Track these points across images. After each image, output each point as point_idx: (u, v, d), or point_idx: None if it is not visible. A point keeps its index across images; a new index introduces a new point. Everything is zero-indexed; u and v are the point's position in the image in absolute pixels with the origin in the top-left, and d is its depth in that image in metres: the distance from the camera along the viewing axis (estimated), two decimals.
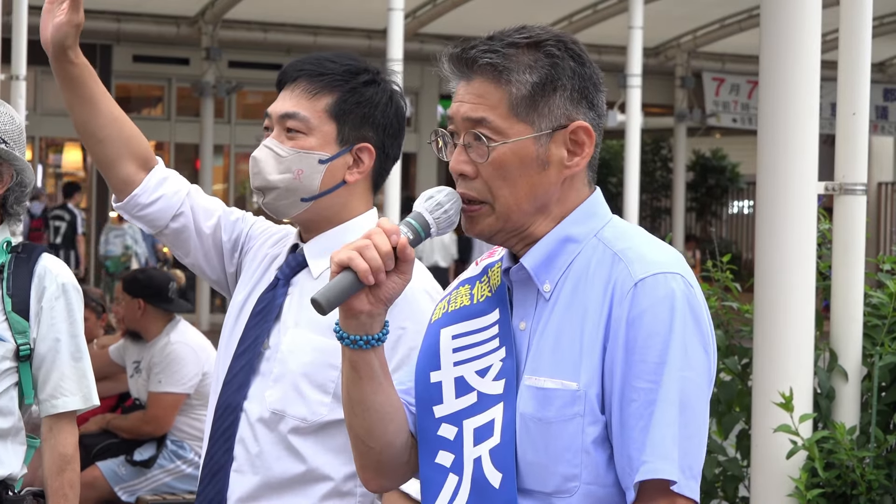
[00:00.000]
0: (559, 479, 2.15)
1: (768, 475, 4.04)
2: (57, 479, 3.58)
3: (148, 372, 6.90)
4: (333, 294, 2.10)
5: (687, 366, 2.11)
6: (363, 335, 2.18)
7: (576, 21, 21.18)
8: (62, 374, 3.59)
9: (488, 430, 2.19)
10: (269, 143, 2.89)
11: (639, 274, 2.14)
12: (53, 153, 23.47)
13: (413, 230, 2.17)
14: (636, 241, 2.20)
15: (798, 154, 3.99)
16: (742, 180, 27.86)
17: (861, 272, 4.23)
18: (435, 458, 2.23)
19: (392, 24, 12.43)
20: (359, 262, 2.11)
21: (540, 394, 2.16)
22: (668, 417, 2.09)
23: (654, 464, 2.08)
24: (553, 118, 2.21)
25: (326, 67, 2.90)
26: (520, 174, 2.19)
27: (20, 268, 3.59)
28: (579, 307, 2.17)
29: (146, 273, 7.34)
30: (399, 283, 2.16)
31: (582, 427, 2.13)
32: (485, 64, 2.20)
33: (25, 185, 3.64)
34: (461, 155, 2.22)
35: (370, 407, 2.23)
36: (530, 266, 2.21)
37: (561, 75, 2.22)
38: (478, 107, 2.20)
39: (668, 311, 2.11)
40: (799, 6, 3.97)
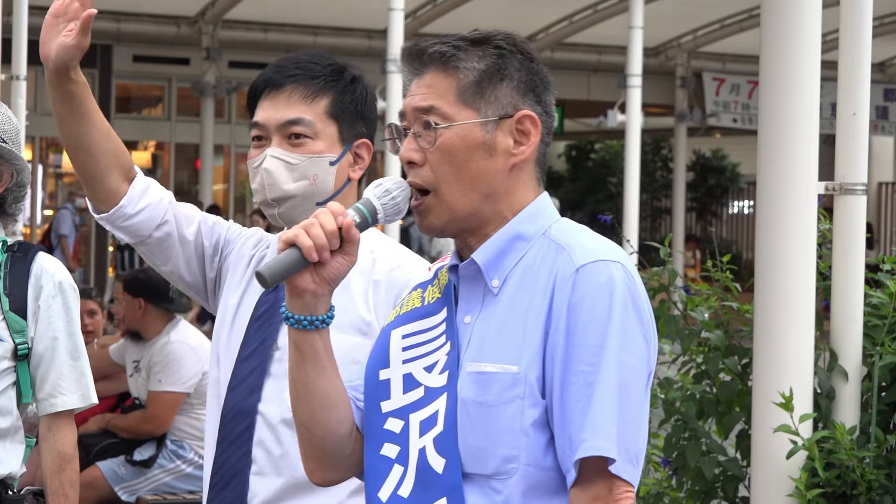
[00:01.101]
0: (498, 460, 2.19)
1: (768, 475, 4.04)
2: (56, 477, 3.58)
3: (148, 371, 6.90)
4: (277, 268, 2.16)
5: (626, 351, 2.16)
6: (307, 315, 2.22)
7: (576, 21, 21.19)
8: (60, 373, 3.59)
9: (433, 421, 2.24)
10: (275, 153, 2.88)
11: (580, 261, 2.18)
12: (53, 153, 23.46)
13: (361, 214, 2.23)
14: (580, 236, 2.25)
15: (798, 154, 3.99)
16: (742, 180, 27.86)
17: (861, 272, 4.23)
18: (380, 449, 2.27)
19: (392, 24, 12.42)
20: (303, 238, 2.16)
21: (481, 378, 2.20)
22: (608, 399, 2.13)
23: (594, 441, 2.12)
24: (500, 106, 2.26)
25: (315, 70, 2.91)
26: (466, 159, 2.24)
27: (16, 267, 3.59)
28: (524, 297, 2.22)
29: (146, 272, 7.32)
30: (343, 264, 2.21)
31: (521, 409, 2.18)
32: (434, 52, 2.26)
33: (24, 185, 3.64)
34: (411, 143, 2.27)
35: (313, 391, 2.27)
36: (481, 261, 2.26)
37: (508, 66, 2.28)
38: (427, 96, 2.26)
39: (607, 297, 2.16)
40: (799, 6, 3.97)
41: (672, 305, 4.69)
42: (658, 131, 27.62)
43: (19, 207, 3.67)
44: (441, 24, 19.36)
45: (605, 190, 28.85)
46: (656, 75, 22.91)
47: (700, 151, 28.23)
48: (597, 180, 29.03)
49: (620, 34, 17.47)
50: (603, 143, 29.98)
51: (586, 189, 28.86)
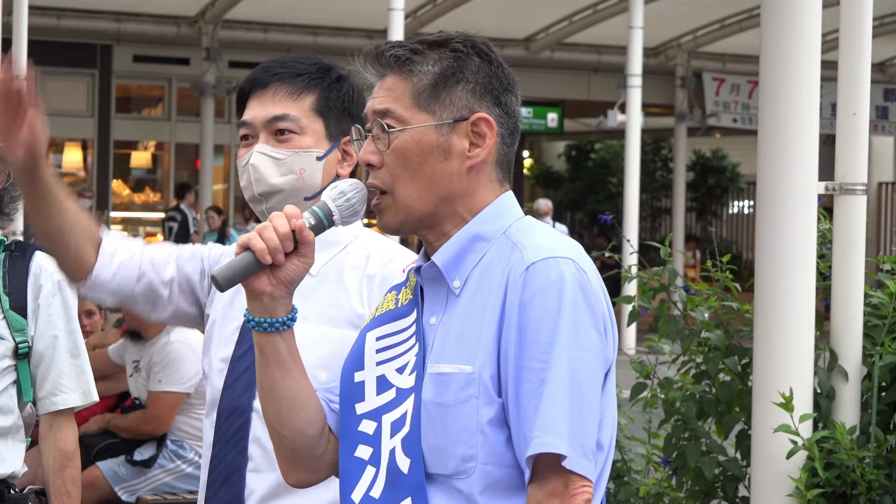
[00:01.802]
0: (457, 460, 2.21)
1: (768, 475, 4.04)
2: (58, 476, 3.59)
3: (148, 371, 6.89)
4: (230, 271, 2.20)
5: (577, 346, 2.17)
6: (267, 318, 2.26)
7: (576, 21, 21.19)
8: (61, 371, 3.60)
9: (401, 422, 2.26)
10: (262, 148, 2.90)
11: (530, 258, 2.20)
12: (53, 153, 23.47)
13: (316, 217, 2.27)
14: (536, 233, 2.27)
15: (798, 154, 3.99)
16: (742, 180, 27.85)
17: (861, 272, 4.23)
18: (354, 451, 2.29)
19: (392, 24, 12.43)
20: (256, 241, 2.21)
21: (439, 379, 2.22)
22: (558, 395, 2.14)
23: (543, 438, 2.13)
24: (455, 109, 2.28)
25: (300, 69, 2.94)
26: (420, 162, 2.26)
27: (15, 266, 3.59)
28: (482, 297, 2.23)
29: None
30: (299, 266, 2.24)
31: (477, 408, 2.19)
32: (390, 56, 2.28)
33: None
34: (370, 146, 2.30)
35: (279, 393, 2.30)
36: (441, 263, 2.28)
37: (464, 69, 2.29)
38: (384, 99, 2.29)
39: (557, 294, 2.17)
40: (799, 6, 3.97)
41: (672, 305, 4.69)
42: (658, 131, 27.63)
43: (16, 207, 3.67)
44: (441, 24, 19.36)
45: (605, 190, 28.84)
46: (656, 75, 22.92)
47: (700, 151, 28.23)
48: (597, 180, 29.03)
49: (620, 34, 17.49)
50: (603, 143, 29.98)
51: (586, 189, 28.86)
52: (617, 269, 4.96)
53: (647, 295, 4.66)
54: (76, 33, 20.74)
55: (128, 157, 24.51)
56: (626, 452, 4.88)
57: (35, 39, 9.85)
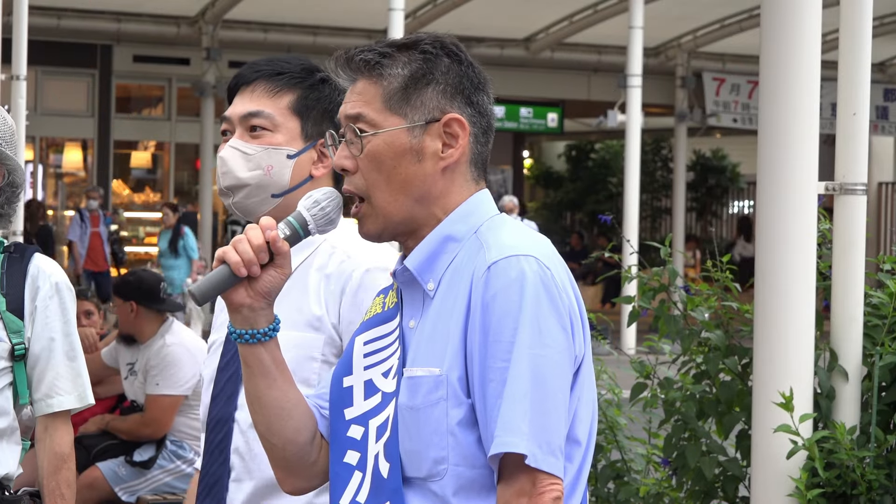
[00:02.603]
0: (430, 463, 2.21)
1: (768, 475, 4.04)
2: (53, 478, 3.58)
3: (144, 374, 6.87)
4: (207, 285, 2.21)
5: (539, 343, 2.16)
6: (248, 329, 2.27)
7: (576, 21, 21.19)
8: (57, 374, 3.59)
9: (384, 427, 2.27)
10: (234, 143, 2.91)
11: (493, 257, 2.20)
12: (53, 153, 23.47)
13: (291, 227, 2.28)
14: (503, 232, 2.26)
15: (798, 154, 3.99)
16: (742, 180, 27.85)
17: (861, 272, 4.23)
18: (344, 457, 2.30)
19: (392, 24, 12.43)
20: (231, 254, 2.22)
21: (411, 383, 2.23)
22: (519, 393, 2.14)
23: (503, 437, 2.14)
24: (426, 111, 2.28)
25: (283, 67, 2.95)
26: (394, 165, 2.27)
27: (13, 267, 3.59)
28: (450, 298, 2.24)
29: (136, 275, 7.28)
30: (276, 277, 2.25)
31: (446, 410, 2.20)
32: (360, 61, 2.29)
33: (17, 186, 3.64)
34: (343, 151, 2.30)
35: (265, 403, 2.31)
36: (413, 266, 2.28)
37: (434, 70, 2.29)
38: (356, 104, 2.29)
39: (518, 292, 2.17)
40: (799, 6, 3.96)
41: (672, 305, 4.69)
42: (658, 131, 27.63)
43: (13, 208, 3.67)
44: (441, 24, 19.36)
45: (605, 190, 28.84)
46: (656, 75, 22.91)
47: (700, 151, 28.22)
48: (597, 180, 29.03)
49: (620, 34, 17.49)
50: (603, 143, 29.98)
51: (586, 189, 28.86)
52: (617, 270, 4.96)
53: (647, 295, 4.66)
54: (76, 33, 20.73)
55: (128, 157, 24.51)
56: (626, 452, 4.87)
57: (35, 39, 9.86)
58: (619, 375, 4.97)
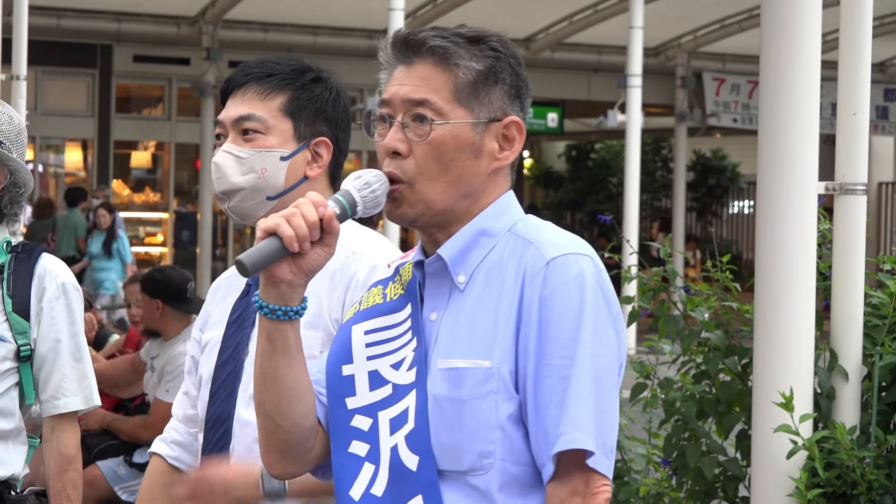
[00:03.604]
0: (474, 456, 2.19)
1: (768, 475, 4.04)
2: (59, 479, 3.58)
3: (160, 375, 6.83)
4: (258, 257, 2.15)
5: (599, 343, 2.17)
6: (282, 305, 2.21)
7: (576, 21, 21.18)
8: (63, 375, 3.59)
9: (404, 418, 2.23)
10: (227, 147, 2.91)
11: (550, 254, 2.20)
12: (53, 153, 23.46)
13: (340, 206, 2.22)
14: (546, 230, 2.27)
15: (798, 154, 3.99)
16: (742, 180, 27.83)
17: (861, 272, 4.23)
18: (348, 447, 2.26)
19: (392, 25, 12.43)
20: (285, 228, 2.15)
21: (453, 374, 2.20)
22: (583, 392, 2.14)
23: (571, 434, 2.13)
24: (491, 109, 2.27)
25: (273, 69, 2.94)
26: (453, 158, 2.25)
27: (20, 268, 3.59)
28: (493, 292, 2.22)
29: (163, 272, 7.19)
30: (322, 256, 2.20)
31: (496, 404, 2.18)
32: (434, 47, 2.26)
33: (20, 186, 3.64)
34: (397, 134, 2.26)
35: (282, 382, 2.26)
36: (447, 257, 2.26)
37: (502, 70, 2.29)
38: (420, 88, 2.25)
39: (578, 290, 2.17)
40: (799, 6, 3.96)
41: (672, 305, 4.69)
42: (658, 131, 27.61)
43: (18, 208, 3.67)
44: (441, 24, 19.27)
45: (605, 190, 28.82)
46: (656, 75, 22.90)
47: (700, 151, 28.21)
48: (597, 180, 29.01)
49: (620, 34, 17.48)
50: (603, 143, 29.97)
51: (586, 189, 28.85)
52: (617, 269, 4.96)
53: (647, 295, 4.66)
54: (76, 33, 20.73)
55: (128, 157, 24.49)
56: (626, 452, 4.87)
57: (35, 39, 9.86)
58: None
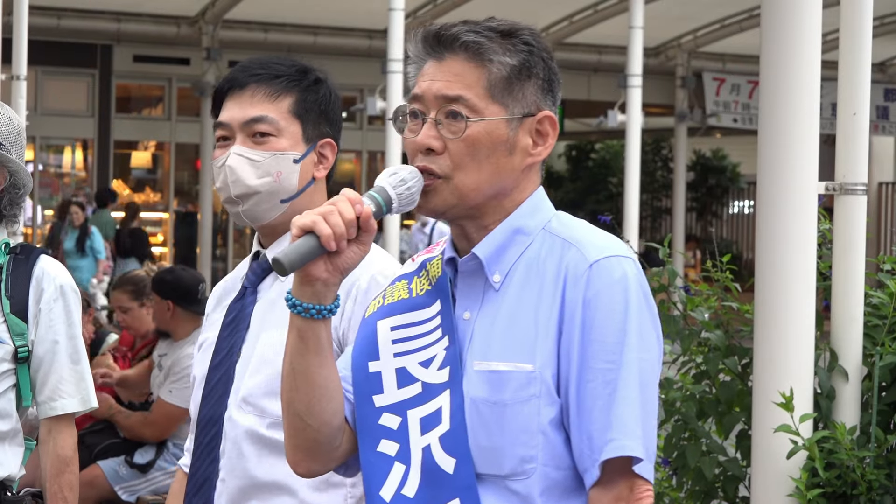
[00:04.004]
0: (515, 461, 2.16)
1: (768, 475, 4.04)
2: (56, 481, 3.58)
3: (166, 374, 6.82)
4: (296, 255, 2.12)
5: (643, 347, 2.15)
6: (316, 304, 2.18)
7: (576, 21, 21.18)
8: (60, 377, 3.59)
9: (436, 419, 2.20)
10: (238, 150, 2.87)
11: (593, 256, 2.17)
12: (53, 153, 23.45)
13: (376, 203, 2.19)
14: (584, 230, 2.25)
15: (798, 154, 3.99)
16: (742, 180, 27.83)
17: (861, 272, 4.23)
18: (377, 446, 2.23)
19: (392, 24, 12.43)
20: (323, 226, 2.12)
21: (493, 377, 2.17)
22: (631, 397, 2.12)
23: (621, 441, 2.10)
24: (525, 104, 2.24)
25: (279, 70, 2.92)
26: (488, 154, 2.22)
27: (18, 269, 3.58)
28: (531, 293, 2.19)
29: (174, 273, 7.15)
30: (357, 254, 2.17)
31: (538, 408, 2.15)
32: (468, 42, 2.24)
33: (20, 188, 3.64)
34: (431, 130, 2.23)
35: (314, 381, 2.23)
36: (483, 255, 2.23)
37: (535, 64, 2.26)
38: (453, 84, 2.23)
39: (623, 293, 2.15)
40: (799, 6, 3.96)
41: (672, 305, 4.69)
42: (658, 131, 27.61)
43: (17, 209, 3.67)
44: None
45: (605, 190, 28.82)
46: (656, 75, 22.90)
47: (700, 151, 28.21)
48: (597, 180, 29.01)
49: (620, 34, 17.47)
50: (603, 143, 29.97)
51: (586, 189, 28.85)
52: None
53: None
54: (76, 33, 20.73)
55: (128, 157, 24.49)
56: None
57: (35, 39, 9.84)
58: None
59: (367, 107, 16.93)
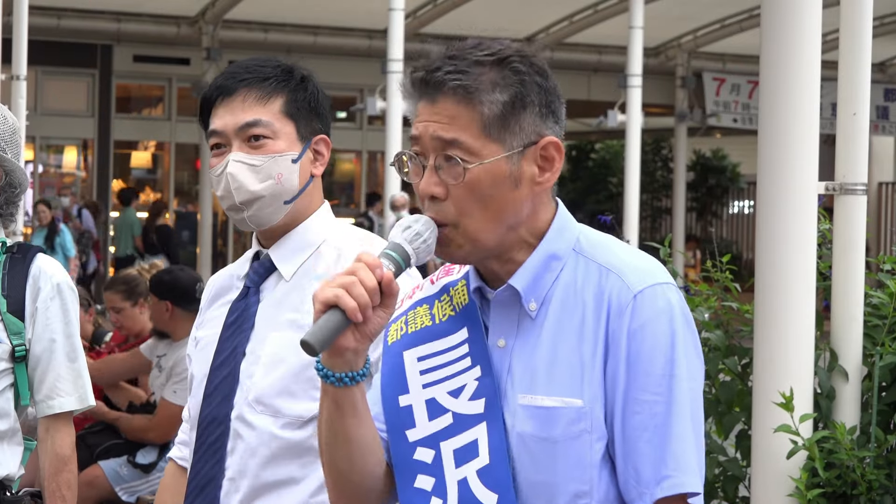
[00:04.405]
0: (569, 497, 2.13)
1: (768, 475, 4.04)
2: (54, 479, 3.58)
3: (168, 375, 6.81)
4: (324, 334, 2.06)
5: (691, 377, 2.15)
6: (348, 372, 2.14)
7: (576, 21, 21.20)
8: (58, 375, 3.59)
9: (472, 451, 2.16)
10: (237, 157, 2.86)
11: (636, 286, 2.13)
12: (53, 153, 23.46)
13: (395, 262, 2.13)
14: (616, 252, 2.20)
15: (798, 154, 3.99)
16: (742, 180, 27.85)
17: (861, 272, 4.23)
18: (414, 482, 2.20)
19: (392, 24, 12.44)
20: (347, 300, 2.05)
21: (541, 413, 2.14)
22: (685, 431, 2.12)
23: (679, 478, 2.11)
24: (524, 135, 2.17)
25: (266, 72, 2.90)
26: (492, 194, 2.15)
27: (15, 268, 3.58)
28: (572, 324, 2.15)
29: (172, 274, 7.13)
30: (384, 318, 2.11)
31: (590, 443, 2.13)
32: (456, 87, 2.15)
33: (16, 186, 3.64)
34: (432, 177, 2.17)
35: (354, 441, 2.19)
36: (521, 287, 2.18)
37: (529, 92, 2.18)
38: (449, 127, 2.15)
39: (668, 323, 2.12)
40: (799, 6, 3.96)
41: None
42: (658, 131, 27.63)
43: (14, 208, 3.67)
44: (441, 24, 19.36)
45: (605, 190, 28.83)
46: (656, 75, 22.92)
47: (700, 151, 28.23)
48: (597, 180, 29.03)
49: (620, 34, 17.49)
50: (603, 143, 29.98)
51: (586, 189, 28.86)
52: None
53: None
54: (76, 33, 20.74)
55: (128, 157, 24.51)
56: None
57: (35, 39, 9.85)
58: None
59: (367, 107, 16.94)
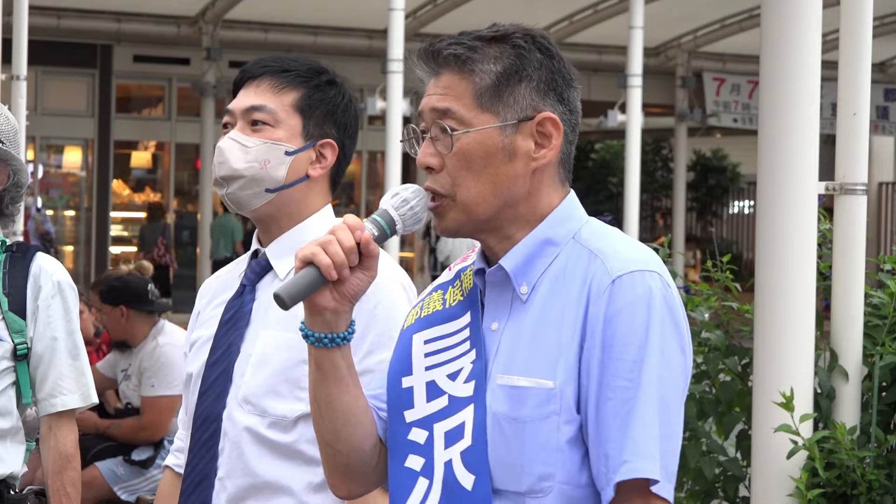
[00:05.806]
0: (533, 478, 2.13)
1: (769, 475, 4.04)
2: (58, 478, 3.58)
3: (139, 377, 6.83)
4: (296, 289, 2.10)
5: (665, 365, 2.10)
6: (328, 333, 2.16)
7: (576, 21, 21.19)
8: (60, 373, 3.59)
9: (459, 433, 2.17)
10: (233, 135, 2.91)
11: (616, 271, 2.12)
12: (53, 153, 23.46)
13: (378, 227, 2.16)
14: (612, 240, 2.19)
15: (798, 154, 3.99)
16: (742, 180, 27.85)
17: (861, 272, 4.23)
18: (405, 461, 2.20)
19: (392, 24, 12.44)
20: (322, 257, 2.09)
21: (514, 392, 2.14)
22: (649, 417, 2.08)
23: (636, 463, 2.07)
24: (519, 108, 2.19)
25: (290, 65, 2.94)
26: (484, 165, 2.17)
27: (15, 267, 3.59)
28: (556, 306, 2.15)
29: (122, 279, 7.21)
30: (364, 280, 2.14)
31: (557, 425, 2.12)
32: (449, 55, 2.19)
33: (21, 186, 3.65)
34: (428, 148, 2.20)
35: (336, 408, 2.21)
36: (510, 268, 2.19)
37: (527, 66, 2.20)
38: (444, 98, 2.19)
39: (645, 310, 2.10)
40: (799, 6, 3.96)
41: None
42: (658, 131, 27.62)
43: (17, 208, 3.67)
44: (441, 24, 19.36)
45: (605, 190, 28.83)
46: (656, 75, 22.92)
47: (700, 151, 28.23)
48: (597, 180, 29.03)
49: (620, 34, 17.48)
50: (603, 143, 29.98)
51: (586, 189, 28.86)
52: None
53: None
54: (76, 33, 20.74)
55: (128, 157, 24.51)
56: None
57: (35, 39, 9.84)
58: None
59: (367, 107, 16.93)
